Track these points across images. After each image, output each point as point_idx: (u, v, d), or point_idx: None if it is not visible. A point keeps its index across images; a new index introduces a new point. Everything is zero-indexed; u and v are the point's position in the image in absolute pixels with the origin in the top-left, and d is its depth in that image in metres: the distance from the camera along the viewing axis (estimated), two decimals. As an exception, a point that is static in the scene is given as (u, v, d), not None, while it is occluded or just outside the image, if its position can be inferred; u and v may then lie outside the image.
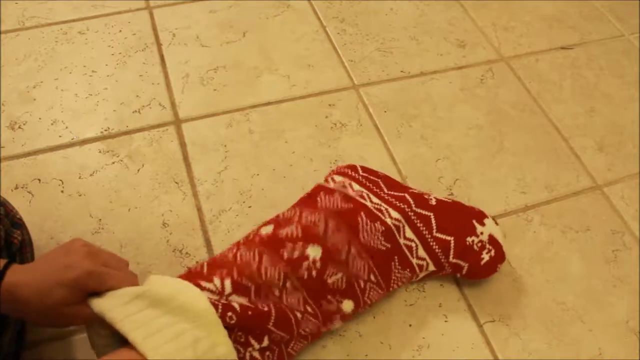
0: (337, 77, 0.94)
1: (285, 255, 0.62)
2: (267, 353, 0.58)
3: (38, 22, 0.96)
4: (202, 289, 0.56)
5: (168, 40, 0.96)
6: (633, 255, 0.79)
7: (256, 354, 0.57)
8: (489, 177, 0.85)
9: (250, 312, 0.56)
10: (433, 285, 0.72)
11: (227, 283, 0.58)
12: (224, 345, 0.53)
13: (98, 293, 0.52)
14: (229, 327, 0.54)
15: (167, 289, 0.53)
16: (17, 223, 0.62)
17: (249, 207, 0.77)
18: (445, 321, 0.70)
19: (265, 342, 0.57)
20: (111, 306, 0.51)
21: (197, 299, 0.54)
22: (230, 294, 0.57)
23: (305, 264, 0.62)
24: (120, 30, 0.96)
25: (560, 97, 0.98)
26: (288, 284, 0.61)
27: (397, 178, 0.82)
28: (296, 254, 0.62)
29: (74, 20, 0.97)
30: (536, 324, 0.70)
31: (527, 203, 0.82)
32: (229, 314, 0.55)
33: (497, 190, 0.83)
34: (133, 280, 0.55)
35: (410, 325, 0.69)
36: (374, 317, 0.69)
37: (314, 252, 0.63)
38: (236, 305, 0.56)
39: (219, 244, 0.73)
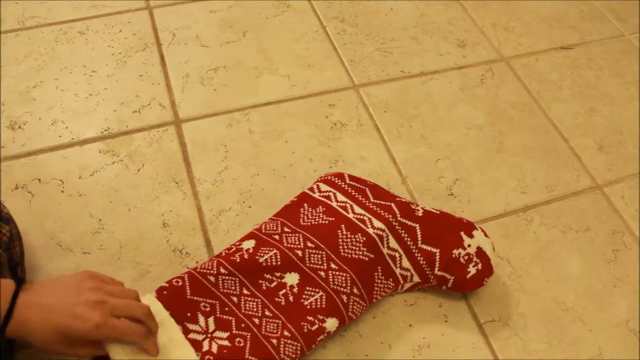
0: (337, 77, 0.94)
1: (264, 286, 0.65)
2: None
3: (38, 22, 0.96)
4: (189, 331, 0.61)
5: (168, 40, 0.96)
6: (633, 255, 0.79)
7: None
8: (489, 177, 0.85)
9: (225, 351, 0.60)
10: (433, 285, 0.72)
11: (211, 321, 0.62)
12: None
13: None
14: None
15: None
16: (5, 218, 0.61)
17: (249, 207, 0.77)
18: (445, 321, 0.70)
19: None
20: None
21: None
22: (214, 331, 0.61)
23: (282, 291, 0.65)
24: (120, 30, 0.96)
25: (560, 97, 0.98)
26: (267, 312, 0.63)
27: (397, 178, 0.82)
28: (274, 284, 0.65)
29: (74, 20, 0.97)
30: (536, 324, 0.70)
31: (527, 203, 0.82)
32: (207, 357, 0.59)
33: (497, 190, 0.83)
34: (141, 331, 0.55)
35: (410, 325, 0.69)
36: (374, 317, 0.69)
37: (291, 279, 0.66)
38: (215, 350, 0.60)
39: (219, 244, 0.73)
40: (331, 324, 0.63)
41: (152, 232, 0.73)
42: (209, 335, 0.61)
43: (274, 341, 0.61)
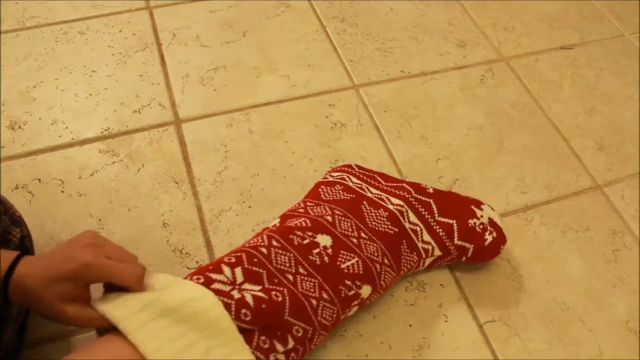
0: (337, 77, 0.94)
1: (296, 241, 0.61)
2: (292, 354, 0.56)
3: (38, 22, 0.96)
4: (212, 280, 0.55)
5: (168, 40, 0.96)
6: (633, 255, 0.79)
7: (281, 357, 0.55)
8: (489, 177, 0.85)
9: (264, 306, 0.54)
10: (433, 285, 0.72)
11: (238, 271, 0.56)
12: (241, 352, 0.51)
13: (110, 288, 0.52)
14: (247, 330, 0.52)
15: (177, 297, 0.52)
16: (16, 221, 0.62)
17: (249, 207, 0.77)
18: (445, 321, 0.70)
19: (291, 344, 0.55)
20: (122, 316, 0.50)
21: (211, 306, 0.52)
22: (242, 282, 0.56)
23: (316, 250, 0.61)
24: (120, 30, 0.96)
25: (560, 97, 0.98)
26: (301, 269, 0.59)
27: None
28: (306, 241, 0.61)
29: (74, 20, 0.97)
30: (536, 324, 0.71)
31: (527, 203, 0.82)
32: (243, 311, 0.52)
33: (497, 190, 0.83)
34: (137, 272, 0.53)
35: (410, 325, 0.69)
36: (374, 317, 0.69)
37: (324, 240, 0.62)
38: (249, 300, 0.53)
39: (219, 244, 0.73)
40: (366, 290, 0.62)
41: (152, 232, 0.73)
42: (237, 286, 0.55)
43: (314, 302, 0.57)
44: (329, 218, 0.65)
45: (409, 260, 0.68)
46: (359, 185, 0.73)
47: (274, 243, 0.60)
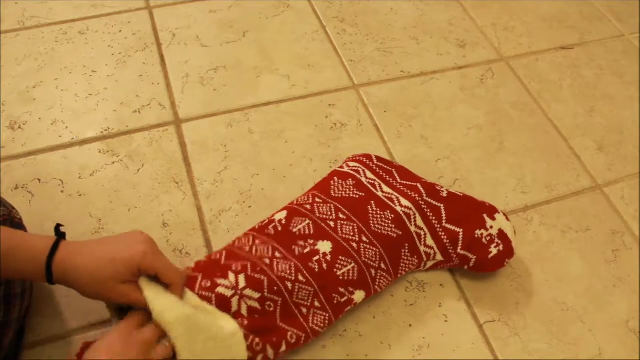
0: (337, 77, 0.94)
1: (297, 251, 0.64)
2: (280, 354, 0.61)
3: (38, 22, 0.96)
4: (217, 285, 0.59)
5: (168, 40, 0.96)
6: (633, 255, 0.79)
7: (271, 355, 0.59)
8: (489, 177, 0.85)
9: (257, 315, 0.60)
10: (433, 285, 0.72)
11: (241, 278, 0.61)
12: None
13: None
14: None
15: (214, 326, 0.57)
16: (17, 224, 0.62)
17: (249, 207, 0.77)
18: (445, 321, 0.70)
19: (283, 348, 0.60)
20: (170, 319, 0.54)
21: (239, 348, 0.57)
22: (244, 288, 0.60)
23: (315, 258, 0.64)
24: (120, 30, 0.96)
25: (560, 97, 0.98)
26: (300, 277, 0.62)
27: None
28: (307, 250, 0.65)
29: (74, 20, 0.97)
30: (536, 324, 0.71)
31: (527, 203, 0.82)
32: (239, 320, 0.58)
33: (497, 190, 0.83)
34: (182, 273, 0.59)
35: (410, 325, 0.69)
36: (374, 317, 0.69)
37: (324, 247, 0.65)
38: (244, 311, 0.59)
39: (219, 244, 0.72)
40: (359, 296, 0.65)
41: (152, 232, 0.72)
42: (239, 292, 0.59)
43: (304, 310, 0.62)
44: (332, 224, 0.67)
45: (409, 264, 0.69)
46: (372, 182, 0.73)
47: (277, 254, 0.64)
